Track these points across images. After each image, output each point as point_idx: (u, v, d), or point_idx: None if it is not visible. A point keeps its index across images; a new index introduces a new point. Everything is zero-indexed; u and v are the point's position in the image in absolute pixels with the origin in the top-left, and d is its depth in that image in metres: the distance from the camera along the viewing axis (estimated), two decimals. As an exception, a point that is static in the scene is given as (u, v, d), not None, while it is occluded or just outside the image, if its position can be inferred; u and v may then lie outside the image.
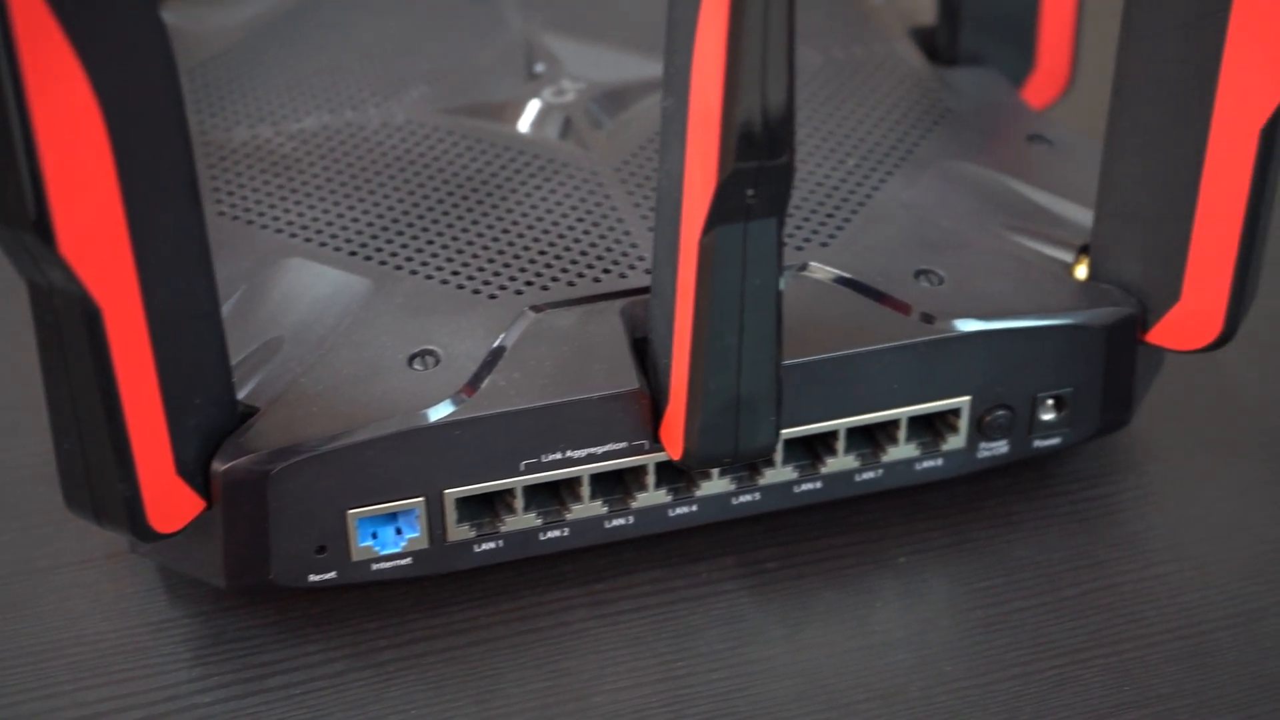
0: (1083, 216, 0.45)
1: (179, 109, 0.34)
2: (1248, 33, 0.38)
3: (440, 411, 0.39)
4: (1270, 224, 0.41)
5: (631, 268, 0.43)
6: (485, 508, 0.41)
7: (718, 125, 0.33)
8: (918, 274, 0.43)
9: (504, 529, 0.41)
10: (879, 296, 0.42)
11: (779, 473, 0.42)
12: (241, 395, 0.39)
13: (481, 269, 0.43)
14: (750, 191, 0.34)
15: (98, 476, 0.36)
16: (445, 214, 0.45)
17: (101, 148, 0.33)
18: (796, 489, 0.43)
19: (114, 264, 0.34)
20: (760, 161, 0.33)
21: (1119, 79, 0.41)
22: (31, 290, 0.34)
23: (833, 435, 0.42)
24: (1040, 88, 0.53)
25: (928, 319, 0.41)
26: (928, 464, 0.43)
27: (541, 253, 0.44)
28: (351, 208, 0.46)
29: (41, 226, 0.31)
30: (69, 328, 0.34)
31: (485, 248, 0.44)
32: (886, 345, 0.41)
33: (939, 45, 0.54)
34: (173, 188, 0.35)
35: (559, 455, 0.40)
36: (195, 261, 0.36)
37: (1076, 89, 0.54)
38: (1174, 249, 0.41)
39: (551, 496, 0.41)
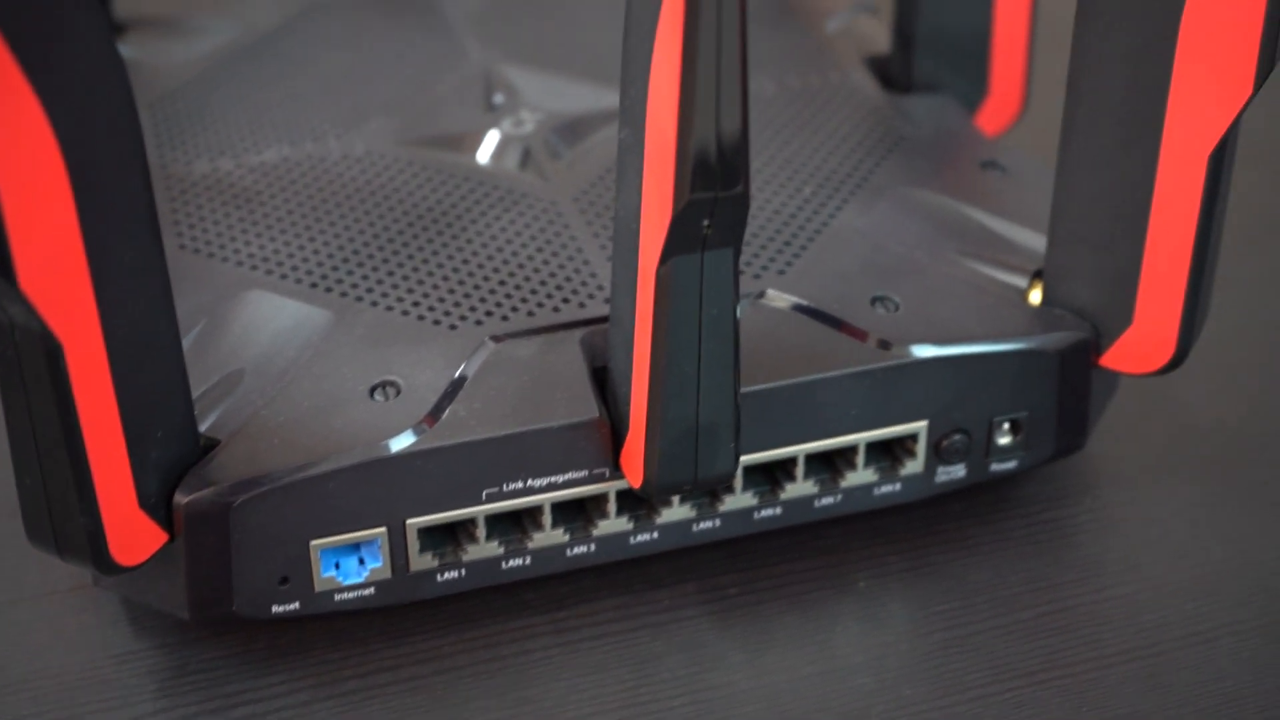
0: (1036, 242, 0.45)
1: (138, 144, 0.34)
2: (1194, 60, 0.38)
3: (402, 442, 0.39)
4: (1220, 248, 0.41)
5: (590, 297, 0.43)
6: (447, 537, 0.41)
7: (673, 157, 0.33)
8: (874, 301, 0.43)
9: (466, 558, 0.41)
10: (836, 323, 0.42)
11: (739, 499, 0.42)
12: (203, 428, 0.39)
13: (442, 299, 0.43)
14: (706, 222, 0.34)
15: (59, 510, 0.36)
16: (405, 245, 0.45)
17: (60, 184, 0.32)
18: (756, 515, 0.43)
19: (74, 300, 0.33)
20: (715, 192, 0.33)
21: (1070, 106, 0.41)
22: (-9, 327, 0.34)
23: (792, 461, 0.42)
24: (994, 114, 0.53)
25: (884, 345, 0.41)
26: (886, 489, 0.43)
27: (501, 283, 0.44)
28: (312, 239, 0.46)
29: (1, 264, 0.31)
30: (30, 363, 0.34)
31: (445, 278, 0.44)
32: (844, 372, 0.41)
33: (893, 73, 0.54)
34: (133, 223, 0.35)
35: (520, 484, 0.40)
36: (156, 296, 0.36)
37: (1030, 115, 0.54)
38: (1126, 274, 0.42)
39: (513, 525, 0.41)
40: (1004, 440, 0.44)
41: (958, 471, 0.44)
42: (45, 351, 0.33)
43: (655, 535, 0.42)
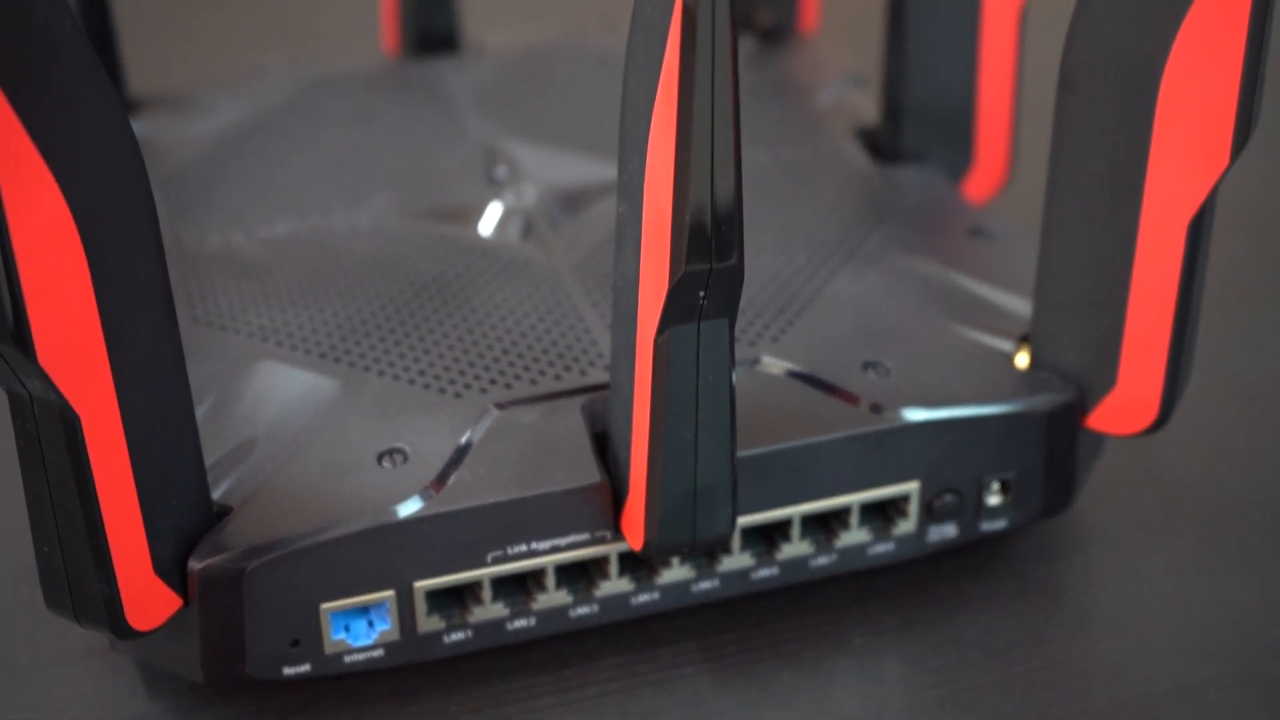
0: (1022, 307, 0.45)
1: (152, 220, 0.35)
2: (1172, 132, 0.38)
3: (409, 508, 0.39)
4: (1201, 312, 0.42)
5: (591, 365, 0.43)
6: (454, 599, 0.41)
7: (669, 231, 0.33)
8: (866, 366, 0.43)
9: (472, 619, 0.41)
10: (829, 388, 0.42)
11: (736, 560, 0.42)
12: (216, 495, 0.39)
13: (447, 368, 0.43)
14: (702, 293, 0.34)
15: (77, 577, 0.36)
16: (411, 315, 0.46)
17: (77, 261, 0.33)
18: (754, 575, 0.43)
19: (91, 373, 0.34)
20: (710, 265, 0.34)
21: (1053, 175, 0.42)
22: (11, 399, 0.34)
23: (787, 523, 0.42)
24: (980, 183, 0.54)
25: (876, 409, 0.42)
26: (879, 548, 0.43)
27: (504, 351, 0.44)
28: (320, 311, 0.46)
29: (20, 340, 0.32)
30: (48, 435, 0.34)
31: (450, 347, 0.44)
32: (837, 435, 0.41)
33: (882, 144, 0.54)
34: (147, 298, 0.35)
35: (524, 547, 0.40)
36: (170, 368, 0.36)
37: (1014, 183, 0.54)
38: (1110, 338, 0.42)
39: (518, 587, 0.41)
40: (994, 500, 0.44)
41: (949, 531, 0.44)
42: (63, 423, 0.33)
43: (656, 595, 0.42)
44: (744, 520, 0.41)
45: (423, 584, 0.40)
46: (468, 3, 0.66)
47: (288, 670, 0.40)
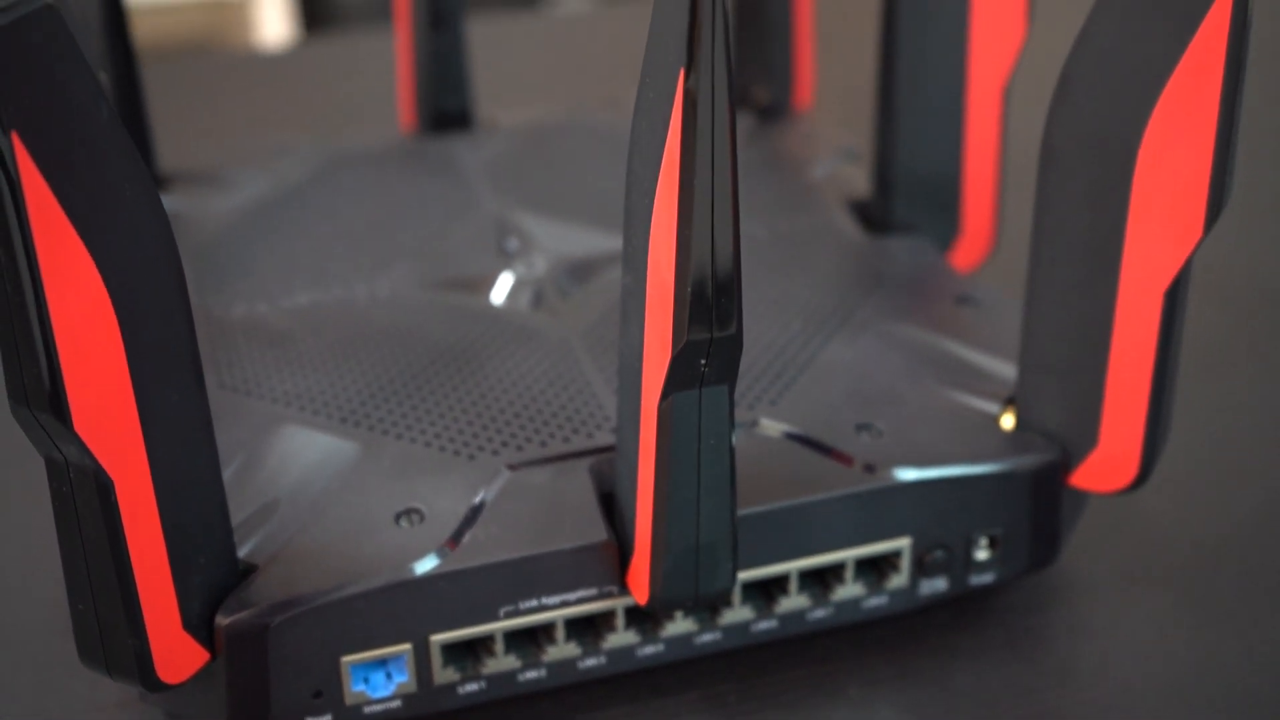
0: (1008, 371, 0.45)
1: (182, 291, 0.35)
2: (1148, 206, 0.38)
3: (425, 565, 0.39)
4: (1179, 374, 0.42)
5: (598, 428, 0.43)
6: (468, 652, 0.41)
7: (671, 302, 0.34)
8: (859, 428, 0.43)
9: (486, 671, 0.41)
10: (824, 449, 0.42)
11: (737, 613, 0.42)
12: (242, 554, 0.39)
13: (461, 431, 0.43)
14: (703, 361, 0.35)
15: (109, 632, 0.36)
16: (427, 381, 0.46)
17: (111, 332, 0.33)
18: (754, 627, 0.43)
19: (124, 439, 0.34)
20: (711, 334, 0.34)
21: (1035, 245, 0.42)
22: (48, 464, 0.34)
23: (785, 578, 0.42)
24: (966, 252, 0.54)
25: (870, 469, 0.42)
26: (874, 601, 0.43)
27: (516, 415, 0.44)
28: (341, 377, 0.46)
29: (58, 408, 0.32)
30: (83, 498, 0.34)
31: (464, 411, 0.44)
32: (832, 495, 0.41)
33: (873, 216, 0.55)
34: (177, 367, 0.35)
35: (535, 602, 0.40)
36: (198, 433, 0.36)
37: (1000, 252, 0.54)
38: (1091, 400, 0.42)
39: (529, 640, 0.41)
40: (982, 555, 0.44)
41: (940, 584, 0.44)
42: (97, 487, 0.34)
43: (660, 647, 0.42)
44: (744, 575, 0.41)
45: (438, 637, 0.40)
46: (480, 83, 0.67)
47: (310, 720, 0.40)
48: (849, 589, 0.43)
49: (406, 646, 0.39)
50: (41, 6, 0.30)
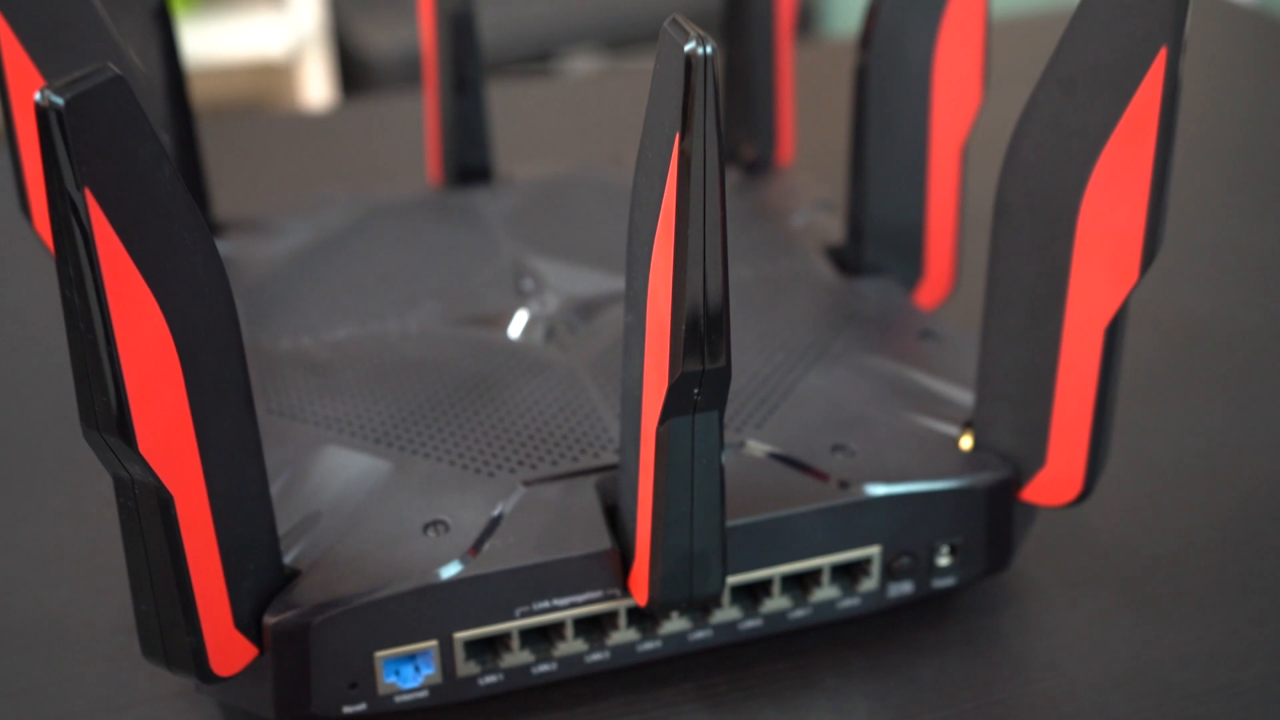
0: (966, 398, 0.45)
1: (235, 328, 0.35)
2: (1089, 252, 0.39)
3: (450, 571, 0.39)
4: (1118, 401, 0.42)
5: (603, 448, 0.43)
6: (488, 647, 0.41)
7: (669, 338, 0.34)
8: (834, 448, 0.43)
9: (503, 665, 0.41)
10: (803, 468, 0.42)
11: (726, 613, 0.42)
12: (287, 560, 0.39)
13: (481, 451, 0.43)
14: (696, 390, 0.35)
15: (169, 630, 0.36)
16: (452, 406, 0.46)
17: (172, 365, 0.33)
18: (741, 625, 0.43)
19: (183, 459, 0.34)
20: (703, 367, 0.34)
21: (990, 288, 0.42)
22: (115, 481, 0.34)
23: (769, 581, 0.42)
24: (929, 292, 0.54)
25: (844, 485, 0.42)
26: (848, 602, 0.43)
27: (530, 437, 0.44)
28: (376, 403, 0.46)
29: (124, 432, 0.32)
30: (146, 511, 0.34)
31: (485, 434, 0.44)
32: (811, 508, 0.41)
33: (847, 260, 0.54)
34: (231, 394, 0.35)
35: (547, 603, 0.40)
36: (249, 453, 0.37)
37: (959, 292, 0.54)
38: (1039, 424, 0.42)
39: (542, 637, 0.41)
40: (943, 561, 0.44)
41: (906, 587, 0.44)
42: (159, 502, 0.34)
43: (658, 643, 0.42)
44: (733, 579, 0.41)
45: (461, 635, 0.40)
46: (498, 141, 0.67)
47: (347, 709, 0.40)
48: (825, 591, 0.43)
49: (433, 642, 0.39)
50: (112, 78, 0.30)
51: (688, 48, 0.31)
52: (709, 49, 0.31)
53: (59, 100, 0.29)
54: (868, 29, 0.50)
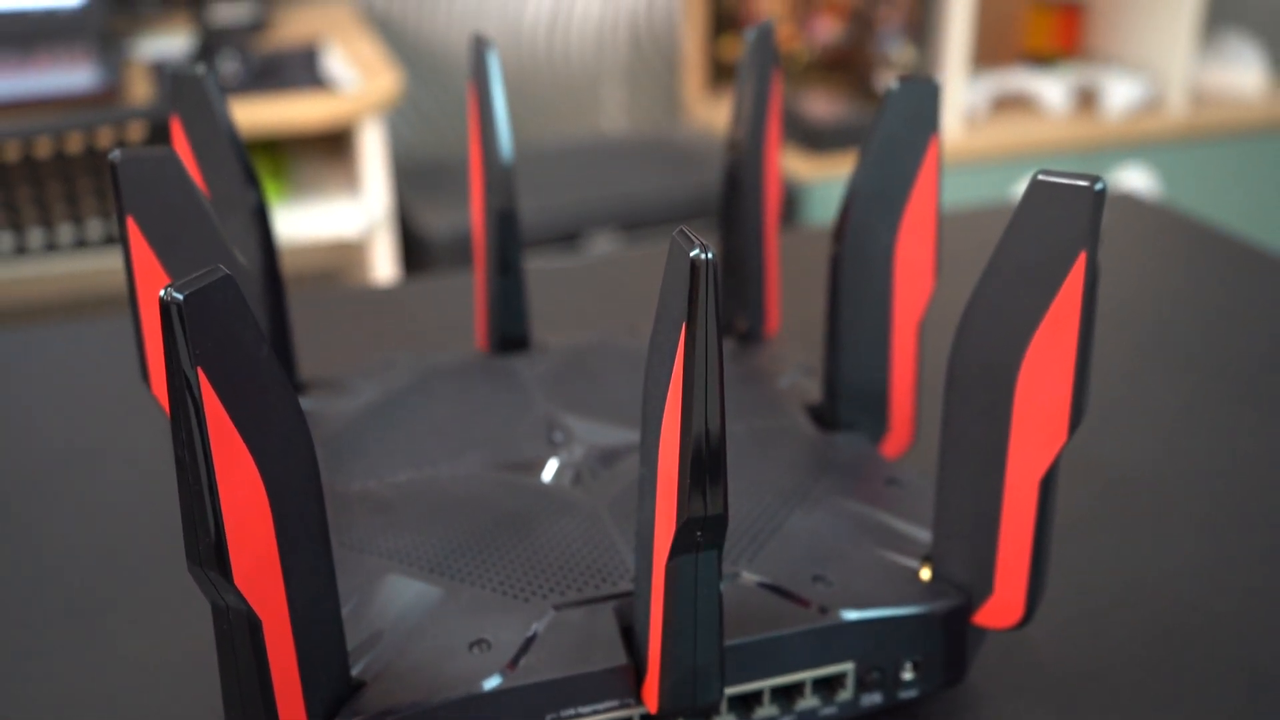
0: (925, 536, 0.46)
1: (316, 475, 0.35)
2: (1026, 416, 0.39)
3: (491, 683, 0.39)
4: (1052, 540, 0.42)
5: (621, 577, 0.43)
6: (522, 748, 0.40)
7: (675, 489, 0.34)
8: (815, 579, 0.43)
9: (535, 763, 0.40)
10: (789, 595, 0.42)
11: (724, 719, 0.42)
12: (355, 672, 0.39)
13: (518, 579, 0.43)
14: (699, 533, 0.35)
15: (254, 734, 0.36)
16: (493, 540, 0.46)
17: (264, 510, 0.33)
18: (737, 730, 0.42)
19: (270, 590, 0.34)
20: (705, 514, 0.34)
21: (943, 443, 0.42)
22: (213, 608, 0.34)
23: (760, 692, 0.42)
24: (893, 444, 0.54)
25: (823, 610, 0.42)
26: (827, 711, 0.43)
27: (560, 567, 0.44)
28: (430, 537, 0.46)
29: (223, 568, 0.32)
30: (238, 633, 0.34)
31: (521, 565, 0.44)
32: (795, 630, 0.41)
33: (824, 417, 0.55)
34: (311, 532, 0.36)
35: (573, 711, 0.40)
36: (325, 582, 0.37)
37: (918, 445, 0.55)
38: (987, 559, 0.42)
39: (567, 739, 0.41)
40: (907, 675, 0.43)
41: (876, 697, 0.43)
42: (249, 626, 0.34)
43: (666, 745, 0.42)
44: (729, 690, 0.41)
45: (500, 738, 0.39)
46: (535, 316, 0.68)
47: (402, 801, 0.39)
48: (808, 701, 0.43)
49: (476, 745, 0.39)
50: (221, 277, 0.31)
51: (693, 254, 0.32)
52: (710, 255, 0.32)
53: (179, 296, 0.30)
54: (840, 224, 0.51)
